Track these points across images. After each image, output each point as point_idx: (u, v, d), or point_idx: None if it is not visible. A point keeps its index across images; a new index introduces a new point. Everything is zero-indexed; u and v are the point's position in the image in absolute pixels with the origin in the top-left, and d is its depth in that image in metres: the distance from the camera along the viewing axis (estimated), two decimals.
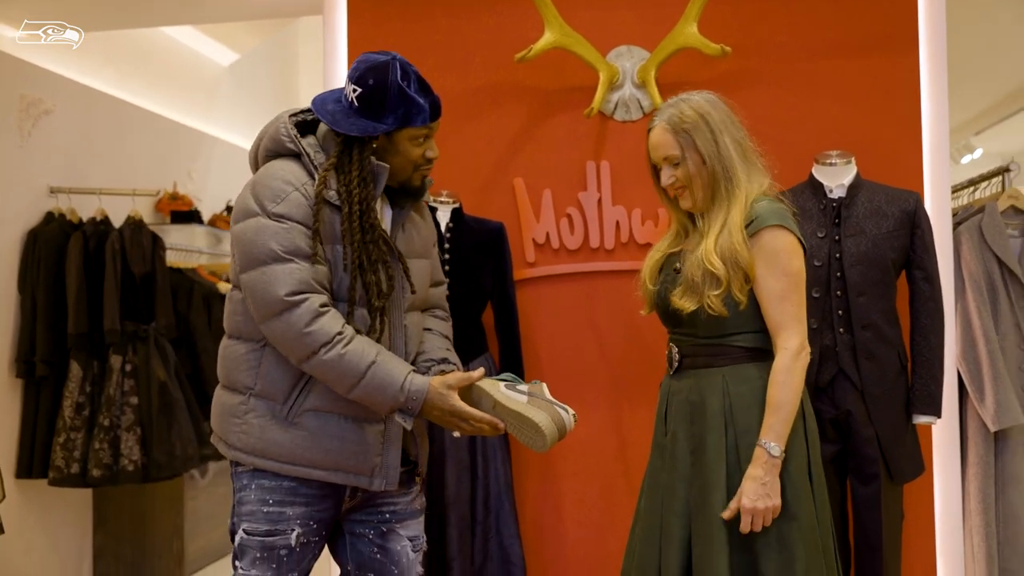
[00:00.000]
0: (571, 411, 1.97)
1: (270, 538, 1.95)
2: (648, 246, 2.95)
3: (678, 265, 2.10)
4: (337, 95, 1.97)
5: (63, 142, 4.19)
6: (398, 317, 2.01)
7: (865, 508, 2.57)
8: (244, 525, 1.98)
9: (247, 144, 6.05)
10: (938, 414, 2.61)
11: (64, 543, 4.15)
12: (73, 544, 4.21)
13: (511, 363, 2.84)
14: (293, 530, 1.95)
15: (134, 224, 3.96)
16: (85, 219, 4.00)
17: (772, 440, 1.95)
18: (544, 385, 2.03)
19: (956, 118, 7.33)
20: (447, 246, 2.79)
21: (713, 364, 2.05)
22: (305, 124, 2.02)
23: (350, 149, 1.92)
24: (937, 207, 2.88)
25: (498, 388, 1.97)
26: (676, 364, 2.13)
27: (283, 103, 6.66)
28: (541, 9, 2.84)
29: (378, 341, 1.94)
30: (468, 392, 1.96)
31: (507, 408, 1.93)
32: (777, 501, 1.95)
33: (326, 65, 3.20)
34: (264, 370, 1.94)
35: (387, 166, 1.94)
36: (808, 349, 2.01)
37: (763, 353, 2.04)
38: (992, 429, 2.91)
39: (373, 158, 1.93)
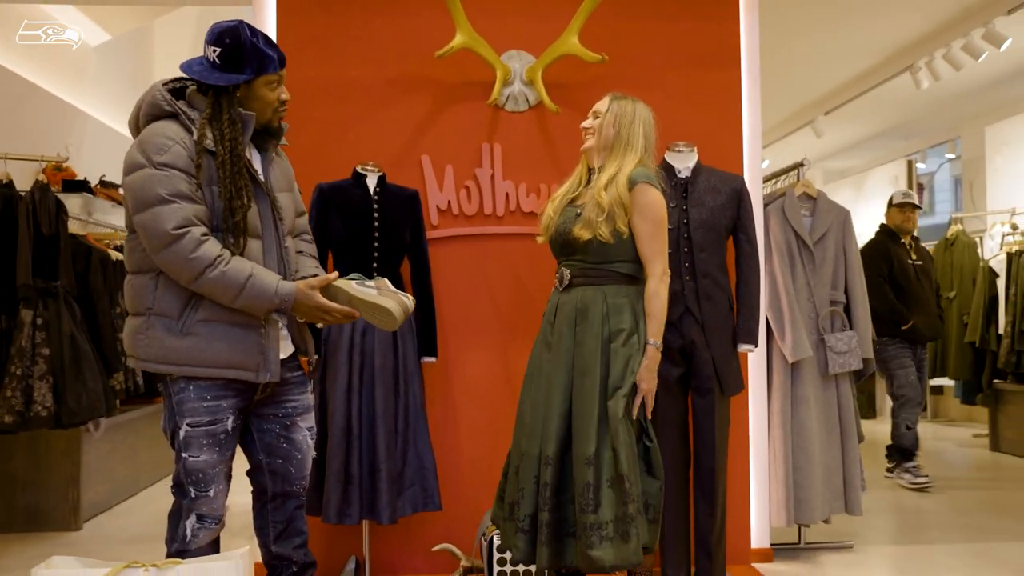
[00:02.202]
0: (411, 298, 2.53)
1: (212, 426, 2.38)
2: (532, 215, 3.65)
3: (579, 211, 2.82)
4: (200, 60, 2.38)
5: None
6: (280, 242, 2.48)
7: (702, 415, 3.34)
8: (187, 420, 2.36)
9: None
10: (756, 343, 3.43)
11: None
12: None
13: (424, 306, 3.42)
14: (229, 417, 2.41)
15: (42, 187, 4.20)
16: None
17: (653, 338, 2.78)
18: (387, 280, 2.56)
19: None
20: (376, 206, 3.34)
21: (597, 283, 2.82)
22: (175, 91, 2.45)
23: (219, 101, 2.36)
24: (753, 189, 3.71)
25: (351, 285, 2.47)
26: (567, 282, 2.86)
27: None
28: (454, 15, 3.44)
29: (242, 255, 2.34)
30: (327, 291, 2.43)
31: (362, 300, 2.44)
32: (655, 382, 2.76)
33: None
34: (160, 294, 2.34)
35: (253, 114, 2.39)
36: (668, 272, 2.81)
37: (634, 279, 2.85)
38: (790, 361, 3.79)
39: (241, 108, 2.38)
